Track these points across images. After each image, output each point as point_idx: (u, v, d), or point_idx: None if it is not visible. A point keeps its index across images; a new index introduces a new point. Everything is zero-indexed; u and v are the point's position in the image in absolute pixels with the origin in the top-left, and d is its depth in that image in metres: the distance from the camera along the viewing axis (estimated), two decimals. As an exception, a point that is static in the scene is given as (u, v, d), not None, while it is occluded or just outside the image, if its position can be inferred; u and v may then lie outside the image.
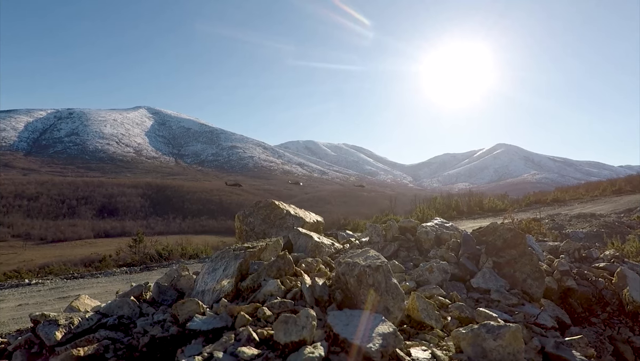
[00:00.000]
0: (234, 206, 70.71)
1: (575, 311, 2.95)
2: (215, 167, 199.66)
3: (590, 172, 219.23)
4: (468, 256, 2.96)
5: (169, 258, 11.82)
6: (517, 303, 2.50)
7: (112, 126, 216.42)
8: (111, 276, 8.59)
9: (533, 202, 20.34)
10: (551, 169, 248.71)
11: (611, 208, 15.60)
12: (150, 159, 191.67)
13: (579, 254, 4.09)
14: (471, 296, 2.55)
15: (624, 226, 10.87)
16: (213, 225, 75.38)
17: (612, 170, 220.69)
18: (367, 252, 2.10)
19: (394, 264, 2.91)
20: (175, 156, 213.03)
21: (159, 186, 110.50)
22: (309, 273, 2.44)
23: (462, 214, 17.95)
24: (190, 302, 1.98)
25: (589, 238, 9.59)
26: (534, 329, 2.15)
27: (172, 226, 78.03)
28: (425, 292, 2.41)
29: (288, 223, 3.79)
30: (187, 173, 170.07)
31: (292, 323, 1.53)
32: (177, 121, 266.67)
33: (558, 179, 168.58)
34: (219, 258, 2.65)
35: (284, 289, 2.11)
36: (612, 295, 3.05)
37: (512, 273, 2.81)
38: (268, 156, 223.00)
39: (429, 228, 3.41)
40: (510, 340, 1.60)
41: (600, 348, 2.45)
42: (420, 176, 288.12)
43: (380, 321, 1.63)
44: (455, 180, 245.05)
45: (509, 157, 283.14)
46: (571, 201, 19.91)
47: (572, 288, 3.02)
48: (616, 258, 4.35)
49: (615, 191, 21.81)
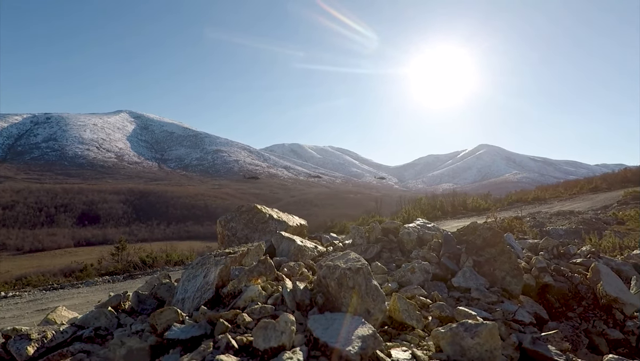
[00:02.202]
0: (219, 211, 69.89)
1: (553, 307, 3.02)
2: (200, 171, 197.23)
3: (568, 171, 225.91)
4: (449, 255, 3.00)
5: (153, 266, 11.59)
6: (497, 300, 2.55)
7: (92, 131, 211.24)
8: (93, 286, 8.36)
9: (515, 201, 20.84)
10: (532, 169, 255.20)
11: (589, 205, 16.12)
12: (132, 165, 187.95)
13: (557, 251, 4.19)
14: (452, 295, 2.58)
15: (600, 222, 11.23)
16: (199, 230, 74.43)
17: (589, 169, 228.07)
18: (348, 255, 2.10)
19: (376, 266, 2.93)
20: (159, 161, 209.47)
21: (142, 191, 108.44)
22: (291, 277, 2.43)
23: (447, 214, 18.23)
24: (168, 311, 1.94)
25: (569, 235, 9.88)
26: (512, 325, 2.19)
27: (156, 232, 76.67)
28: (407, 293, 2.43)
29: (271, 227, 3.77)
30: (170, 178, 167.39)
31: (272, 329, 1.52)
32: (160, 125, 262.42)
33: (538, 178, 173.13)
34: (199, 265, 2.61)
35: (264, 295, 2.09)
36: (587, 290, 3.13)
37: (491, 271, 2.86)
38: (253, 160, 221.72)
39: (411, 228, 3.44)
40: (487, 337, 1.63)
41: (576, 342, 2.51)
42: (405, 177, 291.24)
43: (360, 323, 1.63)
44: (440, 181, 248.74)
45: (491, 157, 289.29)
46: (551, 199, 20.49)
47: (549, 284, 3.10)
48: (592, 254, 4.48)
49: (592, 189, 22.55)
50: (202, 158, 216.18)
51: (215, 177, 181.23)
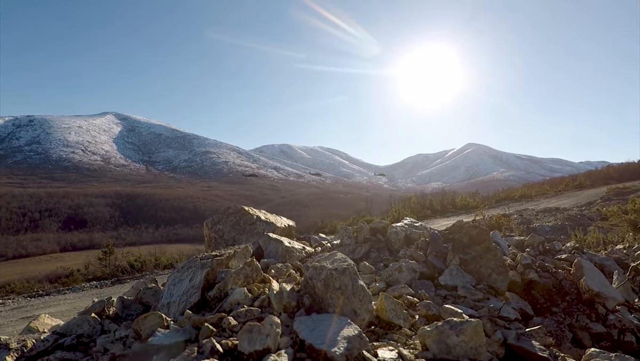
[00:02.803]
0: (208, 213, 69.25)
1: (538, 302, 3.07)
2: (189, 173, 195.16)
3: (553, 169, 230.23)
4: (436, 254, 3.02)
5: (142, 270, 11.42)
6: (483, 297, 2.57)
7: (77, 133, 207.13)
8: (80, 291, 8.20)
9: (502, 198, 21.18)
10: (518, 167, 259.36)
11: (573, 201, 16.47)
12: (119, 167, 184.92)
13: (542, 247, 4.26)
14: (439, 294, 2.60)
15: (585, 218, 11.49)
16: (188, 233, 73.68)
17: (573, 166, 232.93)
18: (334, 255, 2.10)
19: (364, 266, 2.93)
20: (146, 163, 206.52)
21: (130, 194, 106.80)
22: (278, 279, 2.41)
23: (436, 213, 18.42)
24: (152, 316, 1.91)
25: (555, 231, 10.07)
26: (497, 322, 2.21)
27: (144, 236, 75.61)
28: (394, 292, 2.44)
29: (259, 228, 3.75)
30: (158, 180, 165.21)
31: (257, 332, 1.51)
32: (147, 127, 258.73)
33: (525, 176, 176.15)
34: (185, 268, 2.58)
35: (251, 297, 2.07)
36: (571, 285, 3.19)
37: (477, 269, 2.89)
38: (243, 161, 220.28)
39: (399, 228, 3.46)
40: (472, 334, 1.64)
41: (560, 336, 2.55)
42: (394, 176, 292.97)
43: (346, 324, 1.63)
44: (429, 180, 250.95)
45: (478, 156, 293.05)
46: (537, 196, 20.88)
47: (534, 280, 3.14)
48: (576, 250, 4.57)
49: (577, 186, 23.07)
50: (190, 160, 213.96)
51: (204, 179, 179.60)
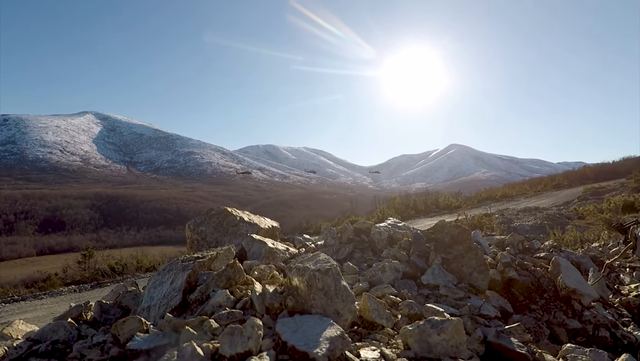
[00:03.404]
0: (192, 214, 68.13)
1: (517, 300, 3.14)
2: (172, 174, 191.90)
3: (533, 169, 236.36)
4: (418, 254, 3.05)
5: (123, 273, 11.16)
6: (464, 296, 2.61)
7: (54, 133, 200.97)
8: (57, 296, 7.98)
9: (484, 198, 21.63)
10: (499, 167, 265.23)
11: (552, 201, 16.95)
12: (99, 168, 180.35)
13: (522, 246, 4.36)
14: (421, 293, 2.63)
15: (563, 217, 11.84)
16: (171, 235, 72.48)
17: (551, 167, 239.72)
18: (317, 256, 2.10)
19: (348, 266, 2.94)
20: (127, 164, 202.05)
21: (110, 196, 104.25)
22: (262, 281, 2.39)
23: (420, 213, 18.66)
24: (131, 320, 1.87)
25: (534, 230, 10.34)
26: (478, 320, 2.25)
27: (125, 238, 73.97)
28: (377, 292, 2.45)
29: (242, 230, 3.71)
30: (140, 182, 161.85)
31: (238, 334, 1.49)
32: (129, 127, 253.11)
33: (506, 177, 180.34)
34: (166, 271, 2.53)
35: (233, 300, 2.05)
36: (549, 282, 3.28)
37: (459, 268, 2.94)
38: (227, 162, 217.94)
39: (382, 228, 3.48)
40: (453, 333, 1.66)
41: (538, 333, 2.62)
42: (379, 177, 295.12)
43: (328, 325, 1.63)
44: (413, 180, 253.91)
45: (461, 156, 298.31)
46: (518, 196, 21.40)
47: (514, 279, 3.22)
48: (554, 248, 4.70)
49: (555, 186, 23.76)
50: (173, 160, 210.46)
51: (188, 180, 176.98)
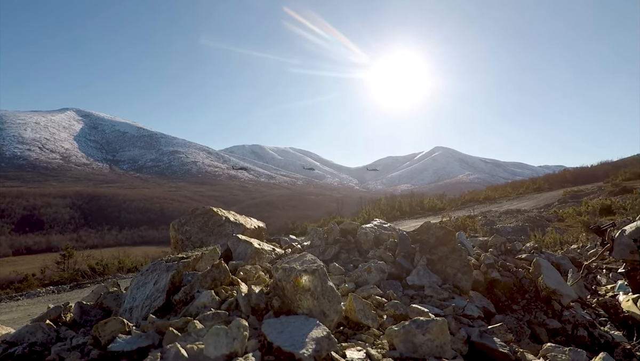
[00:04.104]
0: (176, 214, 67.12)
1: (499, 300, 3.20)
2: (155, 173, 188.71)
3: (515, 172, 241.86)
4: (404, 255, 3.08)
5: (104, 273, 10.92)
6: (448, 296, 2.65)
7: (33, 130, 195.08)
8: (35, 297, 7.78)
9: (468, 200, 21.99)
10: (482, 170, 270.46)
11: (533, 204, 17.35)
12: (80, 166, 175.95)
13: (504, 248, 4.45)
14: (407, 294, 2.65)
15: (544, 219, 12.14)
16: (154, 235, 71.31)
17: (533, 170, 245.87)
18: (304, 256, 2.09)
19: (334, 267, 2.94)
20: (110, 162, 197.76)
21: (91, 195, 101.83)
22: (247, 281, 2.37)
23: (405, 214, 18.85)
24: (113, 321, 1.82)
25: (516, 232, 10.57)
26: (462, 320, 2.28)
27: (107, 238, 72.39)
28: (363, 292, 2.46)
29: (227, 230, 3.67)
30: (123, 181, 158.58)
31: (223, 335, 1.47)
32: (111, 125, 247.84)
33: (489, 179, 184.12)
34: (149, 271, 2.48)
35: (218, 300, 2.02)
36: (530, 283, 3.36)
37: (444, 269, 2.97)
38: (212, 161, 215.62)
39: (368, 229, 3.50)
40: (438, 333, 1.68)
41: (519, 332, 2.68)
42: (365, 178, 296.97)
43: (314, 325, 1.63)
44: (398, 182, 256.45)
45: (445, 159, 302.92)
46: (500, 198, 21.84)
47: (496, 279, 3.28)
48: (535, 249, 4.82)
49: (536, 189, 24.35)
50: (157, 159, 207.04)
51: (172, 180, 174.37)
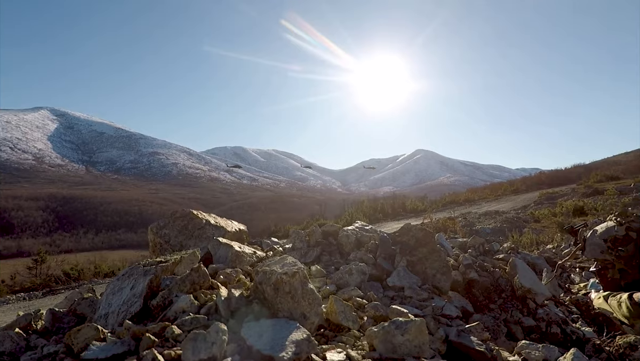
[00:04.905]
0: (155, 217, 65.67)
1: (477, 300, 3.27)
2: (134, 175, 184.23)
3: (494, 175, 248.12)
4: (384, 256, 3.11)
5: (79, 279, 10.59)
6: (428, 297, 2.69)
7: (3, 129, 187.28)
8: (4, 305, 7.49)
9: (448, 202, 22.41)
10: (463, 172, 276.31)
11: (511, 205, 17.84)
12: (54, 167, 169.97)
13: (483, 248, 4.55)
14: (387, 295, 2.68)
15: (521, 221, 12.49)
16: (132, 239, 69.56)
17: (510, 172, 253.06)
18: (284, 259, 2.09)
19: (316, 269, 2.95)
20: (86, 164, 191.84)
21: (66, 197, 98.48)
22: (228, 285, 2.35)
23: (388, 216, 19.04)
24: (87, 328, 1.77)
25: (495, 233, 10.84)
26: (440, 320, 2.33)
27: (82, 242, 70.15)
28: (344, 294, 2.47)
29: (208, 233, 3.62)
30: (100, 182, 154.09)
31: (202, 340, 1.45)
32: (88, 125, 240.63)
33: (468, 181, 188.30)
34: (126, 276, 2.42)
35: (197, 305, 1.99)
36: (507, 283, 3.45)
37: (423, 270, 3.02)
38: (194, 163, 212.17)
39: (350, 231, 3.52)
40: (416, 333, 1.70)
41: (496, 331, 2.74)
42: (348, 180, 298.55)
43: (294, 328, 1.62)
44: (381, 184, 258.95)
45: (427, 162, 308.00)
46: (480, 200, 22.36)
47: (474, 279, 3.35)
48: (512, 250, 4.95)
49: (514, 191, 25.04)
50: (136, 161, 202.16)
51: (152, 182, 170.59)
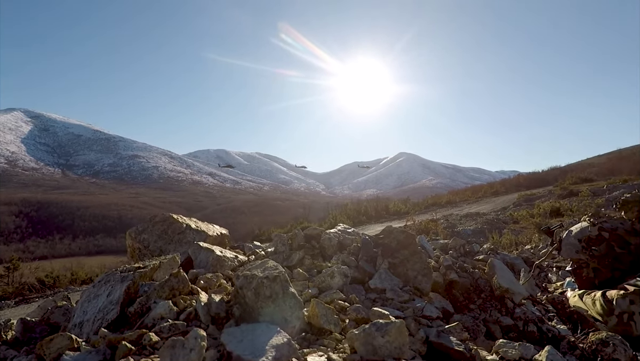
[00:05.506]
0: (135, 222, 64.18)
1: (458, 301, 3.33)
2: (113, 178, 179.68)
3: (474, 177, 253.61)
4: (367, 259, 3.13)
5: (54, 286, 10.26)
6: (409, 298, 2.72)
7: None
8: (-28, 315, 7.12)
9: (431, 204, 22.75)
10: (444, 175, 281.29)
11: (491, 207, 18.24)
12: (28, 171, 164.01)
13: (463, 250, 4.63)
14: (369, 297, 2.69)
15: (500, 222, 12.79)
16: (111, 244, 67.77)
17: (490, 175, 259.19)
18: (266, 263, 2.07)
19: (298, 273, 2.94)
20: (62, 167, 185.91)
21: (41, 202, 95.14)
22: (208, 290, 2.31)
23: (371, 219, 19.17)
24: (60, 338, 1.71)
25: (475, 234, 11.06)
26: (421, 321, 2.35)
27: (58, 248, 67.88)
28: (326, 297, 2.47)
29: (188, 237, 3.56)
30: (77, 186, 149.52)
31: (180, 347, 1.42)
32: (65, 127, 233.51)
33: (450, 184, 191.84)
34: (102, 283, 2.35)
35: (176, 311, 1.95)
36: (486, 283, 3.52)
37: (405, 272, 3.05)
38: (175, 166, 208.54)
39: (332, 234, 3.53)
40: (396, 335, 1.72)
41: (475, 330, 2.79)
42: (332, 183, 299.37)
43: (275, 332, 1.61)
44: (364, 187, 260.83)
45: (409, 164, 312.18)
46: (461, 202, 22.78)
47: (454, 280, 3.40)
48: (491, 251, 5.06)
49: (494, 193, 25.63)
50: (115, 164, 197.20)
51: (132, 185, 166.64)
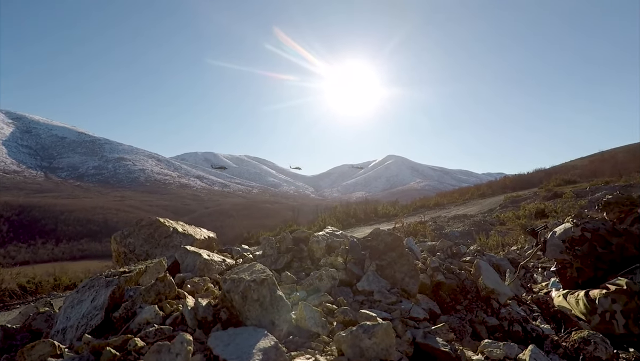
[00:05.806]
0: (121, 226, 63.07)
1: (444, 302, 3.37)
2: (99, 181, 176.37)
3: (462, 179, 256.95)
4: (355, 261, 3.15)
5: (37, 292, 10.03)
6: (396, 300, 2.74)
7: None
8: (-51, 323, 6.86)
9: (419, 207, 22.96)
10: (432, 177, 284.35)
11: (478, 209, 18.50)
12: (9, 174, 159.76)
13: (451, 251, 4.68)
14: (357, 299, 2.70)
15: (487, 223, 12.98)
16: (96, 249, 66.46)
17: (477, 177, 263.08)
18: (253, 266, 2.07)
19: (286, 276, 2.93)
20: (45, 170, 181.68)
21: (22, 205, 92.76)
22: (195, 294, 2.29)
23: (360, 221, 19.25)
24: (41, 344, 1.67)
25: (463, 236, 11.19)
26: (408, 323, 2.37)
27: (41, 253, 66.25)
28: (314, 300, 2.47)
29: (175, 241, 3.52)
30: (61, 190, 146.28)
31: (166, 352, 1.41)
32: (48, 129, 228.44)
33: (438, 186, 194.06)
34: (86, 288, 2.31)
35: (162, 315, 1.93)
36: (472, 284, 3.57)
37: (392, 274, 3.08)
38: (162, 169, 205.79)
39: (320, 237, 3.53)
40: (383, 336, 1.73)
41: (462, 331, 2.83)
42: (321, 186, 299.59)
43: (262, 336, 1.61)
44: (353, 189, 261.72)
45: (398, 167, 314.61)
46: (449, 204, 23.04)
47: (441, 282, 3.45)
48: (478, 252, 5.13)
49: (481, 195, 26.01)
50: (101, 167, 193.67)
51: (117, 188, 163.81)
